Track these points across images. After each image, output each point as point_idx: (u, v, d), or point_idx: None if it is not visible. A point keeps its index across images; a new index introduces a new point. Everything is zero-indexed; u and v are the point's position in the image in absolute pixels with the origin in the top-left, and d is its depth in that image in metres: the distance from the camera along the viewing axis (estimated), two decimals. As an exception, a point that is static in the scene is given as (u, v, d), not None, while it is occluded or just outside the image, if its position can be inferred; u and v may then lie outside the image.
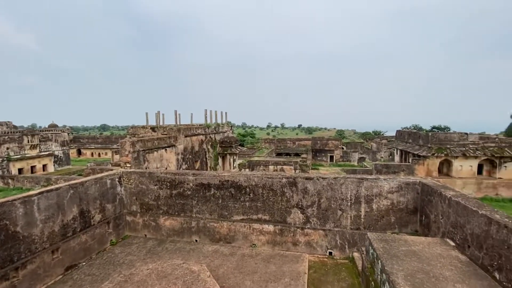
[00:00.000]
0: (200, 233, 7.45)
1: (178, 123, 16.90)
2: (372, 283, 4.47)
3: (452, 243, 4.69)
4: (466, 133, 27.44)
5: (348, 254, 6.56)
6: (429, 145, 26.09)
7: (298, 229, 6.86)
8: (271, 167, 28.30)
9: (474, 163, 25.14)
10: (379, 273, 4.20)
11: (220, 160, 20.07)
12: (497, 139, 27.71)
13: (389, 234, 5.76)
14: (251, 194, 7.10)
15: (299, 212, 6.86)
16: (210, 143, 18.78)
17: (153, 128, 14.71)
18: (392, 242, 4.68)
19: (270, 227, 7.00)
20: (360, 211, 6.50)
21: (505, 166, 24.67)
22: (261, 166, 28.53)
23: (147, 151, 11.62)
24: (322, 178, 6.76)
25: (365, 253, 5.21)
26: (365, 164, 38.52)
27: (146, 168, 11.27)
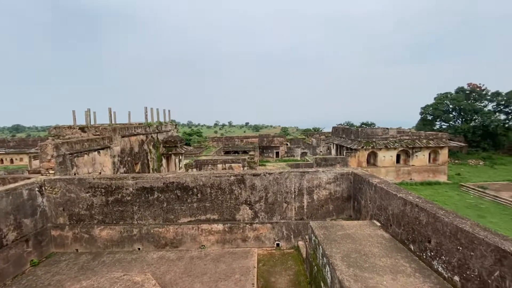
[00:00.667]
0: (143, 241, 6.93)
1: (113, 122, 15.31)
2: (315, 267, 4.85)
3: (378, 224, 5.42)
4: (387, 128, 31.94)
5: (293, 244, 6.97)
6: (359, 139, 29.50)
7: (247, 225, 6.98)
8: (219, 166, 28.08)
9: (394, 154, 29.45)
10: (320, 257, 4.58)
11: (164, 161, 18.97)
12: (410, 132, 33.00)
13: (328, 221, 6.33)
14: (198, 195, 6.92)
15: (248, 208, 6.98)
16: (152, 143, 17.58)
17: (82, 128, 13.00)
18: (331, 228, 5.16)
19: (220, 226, 6.95)
20: (303, 202, 6.97)
21: (416, 155, 29.57)
22: (209, 165, 28.04)
23: (75, 154, 10.21)
24: (269, 173, 7.01)
25: (308, 240, 5.61)
26: (306, 158, 41.39)
27: (75, 174, 9.91)
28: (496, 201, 22.49)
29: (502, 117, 42.55)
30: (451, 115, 46.32)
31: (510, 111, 42.14)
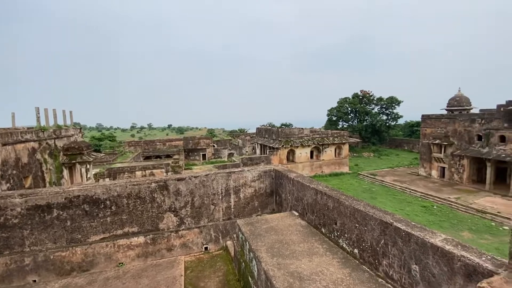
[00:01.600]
0: (40, 270, 5.68)
1: (-13, 127, 11.91)
2: (243, 263, 5.02)
3: (297, 213, 6.02)
4: (302, 128, 35.69)
5: (222, 244, 7.01)
6: (280, 139, 31.98)
7: (172, 233, 6.61)
8: (138, 173, 25.54)
9: (308, 150, 33.15)
10: (247, 253, 4.77)
11: (66, 172, 15.96)
12: (320, 131, 37.79)
13: (254, 217, 6.64)
14: (113, 207, 6.13)
15: (173, 215, 6.62)
16: (48, 151, 14.54)
17: None
18: (256, 223, 5.43)
19: (140, 239, 6.35)
20: (230, 202, 7.09)
21: (325, 151, 34.07)
22: (126, 173, 25.18)
23: None
24: (194, 177, 6.83)
25: (236, 239, 5.75)
26: (233, 159, 42.13)
27: None
28: (383, 185, 28.20)
29: (384, 117, 53.63)
30: (349, 116, 55.41)
31: (389, 112, 53.48)
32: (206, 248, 6.89)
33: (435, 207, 20.87)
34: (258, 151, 39.76)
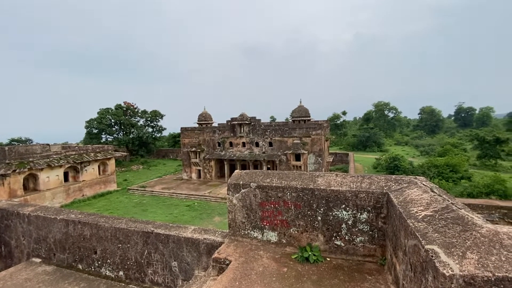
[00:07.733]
0: None
1: None
2: None
3: (39, 260, 4.56)
4: (49, 144, 27.80)
5: None
6: (8, 161, 22.61)
7: None
8: None
9: (60, 172, 26.43)
10: None
11: None
12: (77, 147, 31.56)
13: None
14: None
15: None
16: None
17: None
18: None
19: None
20: None
21: (86, 170, 29.04)
22: None
23: None
24: None
25: None
26: None
27: None
28: (153, 195, 29.15)
29: (150, 130, 55.79)
30: (114, 129, 51.53)
31: (154, 125, 56.42)
32: None
33: (196, 203, 25.07)
34: (-39, 184, 25.29)
